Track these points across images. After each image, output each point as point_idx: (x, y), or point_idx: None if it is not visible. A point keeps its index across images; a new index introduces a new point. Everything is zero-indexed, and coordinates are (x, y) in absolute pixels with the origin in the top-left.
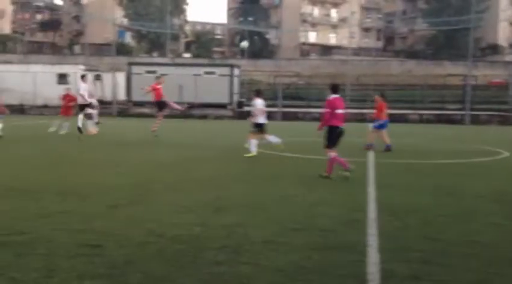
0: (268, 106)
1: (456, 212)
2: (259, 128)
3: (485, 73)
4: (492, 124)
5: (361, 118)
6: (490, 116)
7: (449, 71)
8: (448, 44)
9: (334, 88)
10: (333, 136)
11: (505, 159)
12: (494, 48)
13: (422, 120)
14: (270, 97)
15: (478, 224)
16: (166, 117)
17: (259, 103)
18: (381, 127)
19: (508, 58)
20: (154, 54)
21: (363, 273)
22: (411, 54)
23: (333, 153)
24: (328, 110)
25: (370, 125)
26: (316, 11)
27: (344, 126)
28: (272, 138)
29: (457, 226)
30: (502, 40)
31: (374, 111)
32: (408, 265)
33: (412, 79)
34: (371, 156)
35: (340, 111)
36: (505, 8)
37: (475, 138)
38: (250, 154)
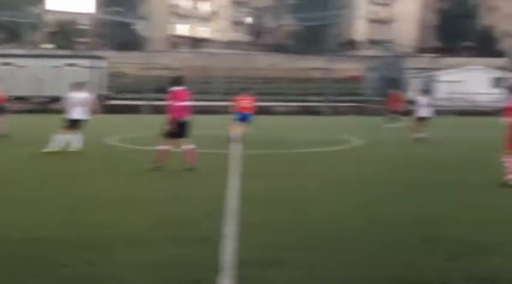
0: (136, 99)
1: (315, 198)
2: (72, 123)
3: (343, 67)
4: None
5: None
6: (348, 107)
7: (312, 64)
8: (312, 39)
9: (177, 82)
10: (173, 128)
11: (357, 146)
12: (352, 44)
13: (287, 112)
14: (138, 90)
15: (334, 208)
16: (23, 112)
17: (75, 96)
18: (241, 120)
19: (365, 53)
20: (11, 45)
21: (219, 263)
22: (279, 48)
23: (163, 146)
24: (171, 102)
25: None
26: (186, 4)
27: (188, 117)
28: (61, 139)
29: (315, 211)
30: (359, 36)
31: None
32: (264, 252)
33: (279, 73)
34: (236, 147)
35: (182, 102)
36: (362, 6)
37: (334, 128)
38: (50, 150)
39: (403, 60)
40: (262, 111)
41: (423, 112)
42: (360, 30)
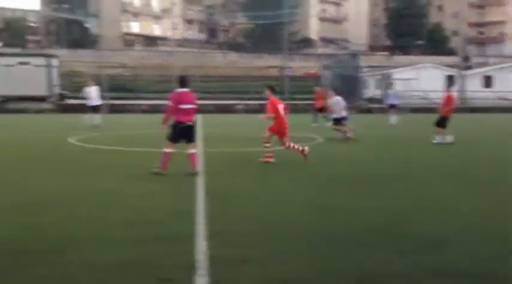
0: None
1: (275, 196)
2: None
3: (300, 65)
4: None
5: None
6: (306, 105)
7: (268, 62)
8: (266, 37)
9: (182, 81)
10: (174, 131)
11: (319, 144)
12: (308, 42)
13: (248, 110)
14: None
15: (297, 206)
16: None
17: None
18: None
19: (320, 51)
20: None
21: (192, 262)
22: (233, 47)
23: (167, 149)
24: (171, 104)
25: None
26: (137, 1)
27: (191, 121)
28: None
29: (279, 209)
30: (314, 34)
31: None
32: (235, 249)
33: (236, 71)
34: (200, 145)
35: (185, 106)
36: (313, 4)
37: (295, 126)
38: None
39: (358, 58)
40: (222, 109)
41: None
42: (313, 28)
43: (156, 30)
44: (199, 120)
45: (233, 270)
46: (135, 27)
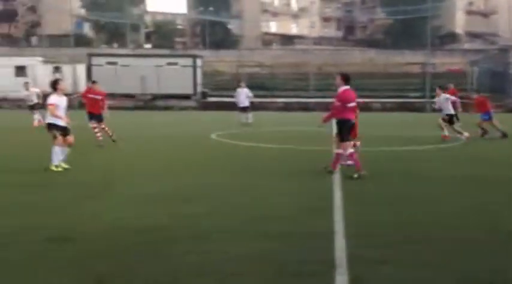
0: (231, 96)
1: (421, 196)
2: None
3: (443, 61)
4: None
5: (326, 108)
6: None
7: (408, 59)
8: (406, 33)
9: (346, 79)
10: (347, 130)
11: (461, 144)
12: (453, 37)
13: (385, 109)
14: (235, 88)
15: (446, 207)
16: (129, 108)
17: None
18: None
19: (465, 46)
20: (115, 45)
21: (332, 258)
22: (371, 43)
23: (350, 150)
24: (338, 104)
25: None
26: (277, 1)
27: (354, 119)
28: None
29: (421, 209)
30: (459, 28)
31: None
32: (374, 250)
33: (373, 68)
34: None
35: (351, 104)
36: None
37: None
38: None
39: (509, 53)
40: (360, 108)
41: None
42: (459, 23)
43: (293, 29)
44: None
45: (372, 270)
46: (273, 26)
